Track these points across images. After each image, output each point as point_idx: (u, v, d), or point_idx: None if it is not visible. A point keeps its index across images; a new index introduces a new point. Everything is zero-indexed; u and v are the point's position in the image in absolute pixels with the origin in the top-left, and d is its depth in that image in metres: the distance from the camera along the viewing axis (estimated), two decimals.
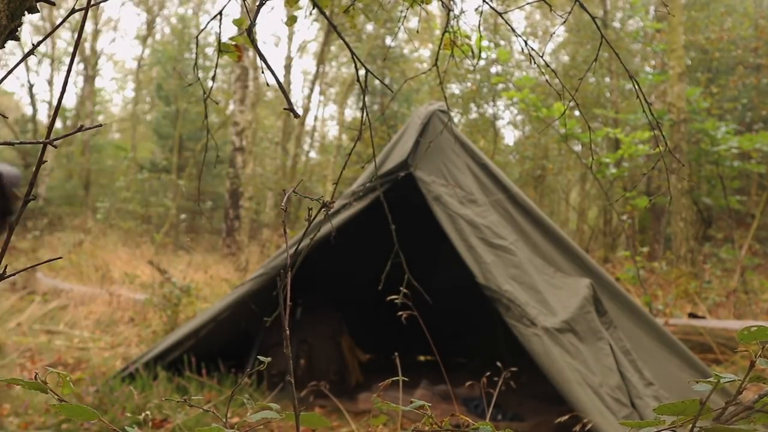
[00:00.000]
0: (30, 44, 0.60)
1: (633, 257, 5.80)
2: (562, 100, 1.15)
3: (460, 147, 2.57)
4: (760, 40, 10.86)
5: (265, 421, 0.74)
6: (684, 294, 5.91)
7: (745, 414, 0.68)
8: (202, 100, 1.09)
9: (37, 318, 4.98)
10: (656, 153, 1.08)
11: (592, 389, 1.95)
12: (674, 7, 7.41)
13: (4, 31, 0.66)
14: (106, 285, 6.36)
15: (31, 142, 0.63)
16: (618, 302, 2.45)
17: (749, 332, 0.65)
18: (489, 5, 1.10)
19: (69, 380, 0.74)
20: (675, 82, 7.47)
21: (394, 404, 0.84)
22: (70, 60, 0.63)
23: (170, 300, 4.46)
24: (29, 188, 0.61)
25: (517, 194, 2.57)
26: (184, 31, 17.05)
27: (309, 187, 14.29)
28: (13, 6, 0.65)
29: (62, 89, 0.62)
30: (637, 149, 5.86)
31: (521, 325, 2.07)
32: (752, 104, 10.76)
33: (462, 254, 2.23)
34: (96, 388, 2.75)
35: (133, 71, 20.55)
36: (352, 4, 1.21)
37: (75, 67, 10.52)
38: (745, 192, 10.49)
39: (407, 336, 2.59)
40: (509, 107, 13.22)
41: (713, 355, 3.53)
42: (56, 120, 0.63)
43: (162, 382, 2.80)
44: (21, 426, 2.52)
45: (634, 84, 1.04)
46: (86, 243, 9.21)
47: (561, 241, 2.53)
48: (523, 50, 1.10)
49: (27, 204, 0.61)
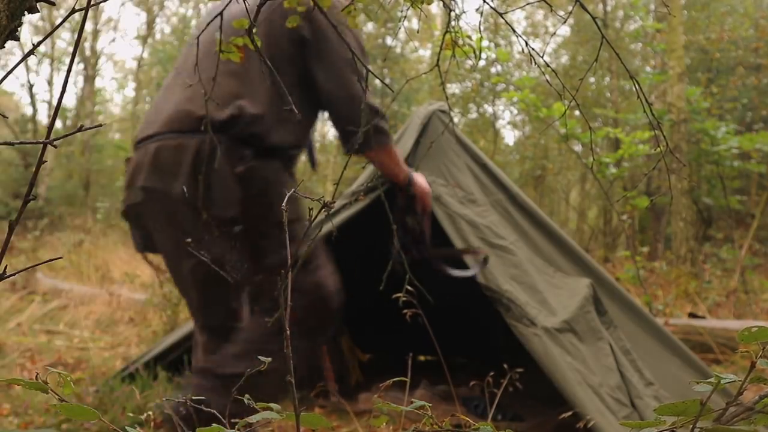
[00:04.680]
0: (30, 44, 0.60)
1: (633, 257, 5.80)
2: (563, 100, 1.15)
3: (461, 147, 2.57)
4: (761, 40, 10.86)
5: (265, 422, 0.74)
6: (684, 294, 5.91)
7: (745, 415, 0.68)
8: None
9: (37, 318, 4.98)
10: (657, 153, 1.08)
11: (592, 389, 1.95)
12: (674, 7, 7.41)
13: (4, 31, 0.66)
14: (106, 285, 6.36)
15: (31, 142, 0.63)
16: (618, 302, 2.45)
17: (750, 333, 0.65)
18: (489, 5, 1.10)
19: (70, 380, 0.74)
20: (675, 82, 7.47)
21: (394, 404, 0.84)
22: (70, 60, 0.63)
23: (170, 300, 4.46)
24: (29, 188, 0.61)
25: (517, 194, 2.57)
26: (185, 31, 17.05)
27: (309, 187, 14.30)
28: (13, 6, 0.65)
29: (62, 89, 0.62)
30: (637, 149, 5.86)
31: (521, 325, 2.07)
32: (752, 104, 10.76)
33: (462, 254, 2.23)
34: (96, 388, 2.75)
35: (133, 71, 20.56)
36: (351, 3, 1.21)
37: (75, 67, 10.53)
38: (745, 192, 10.49)
39: (407, 336, 2.59)
40: (509, 107, 13.23)
41: (713, 355, 3.53)
42: (56, 120, 0.63)
43: (162, 382, 2.80)
44: (21, 426, 2.53)
45: (635, 84, 1.04)
46: (86, 243, 9.22)
47: (561, 241, 2.53)
48: (523, 50, 1.10)
49: (27, 204, 0.61)
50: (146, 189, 1.75)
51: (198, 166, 1.65)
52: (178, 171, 1.69)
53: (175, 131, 1.74)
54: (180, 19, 18.49)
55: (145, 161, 1.77)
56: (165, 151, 1.74)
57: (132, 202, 1.84)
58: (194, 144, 1.68)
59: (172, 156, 1.72)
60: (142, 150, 1.81)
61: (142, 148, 1.82)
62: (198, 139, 1.67)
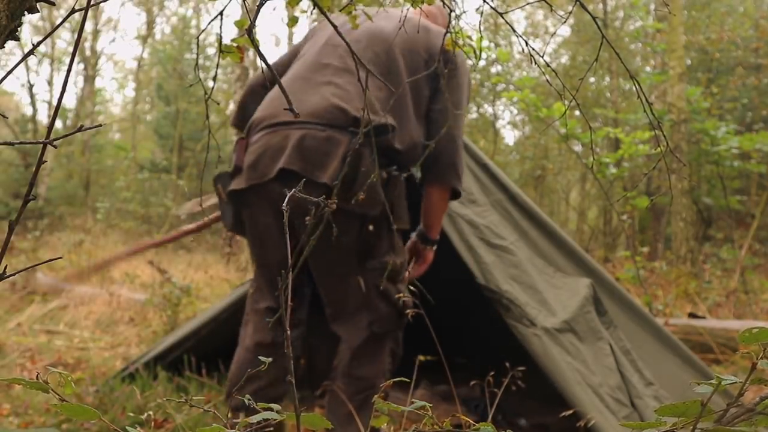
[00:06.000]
0: (30, 44, 0.60)
1: (633, 257, 5.80)
2: (563, 100, 1.15)
3: None
4: (761, 40, 10.86)
5: (266, 422, 0.74)
6: (684, 294, 5.91)
7: (746, 416, 0.68)
8: (203, 100, 1.08)
9: (37, 318, 4.98)
10: (657, 153, 1.08)
11: (592, 389, 1.95)
12: (674, 7, 7.41)
13: (4, 31, 0.66)
14: (106, 285, 6.36)
15: (31, 142, 0.62)
16: (618, 302, 2.45)
17: (750, 334, 0.65)
18: (489, 5, 1.10)
19: (70, 380, 0.74)
20: (675, 82, 7.47)
21: (394, 404, 0.84)
22: (70, 60, 0.63)
23: (170, 300, 4.46)
24: (29, 188, 0.61)
25: (517, 194, 2.57)
26: (185, 31, 17.05)
27: None
28: (13, 6, 0.65)
29: (62, 89, 0.62)
30: (637, 149, 5.86)
31: (521, 325, 2.07)
32: (752, 104, 10.76)
33: (462, 254, 2.23)
34: (96, 388, 2.75)
35: (133, 71, 20.56)
36: (350, 3, 1.21)
37: (75, 67, 10.52)
38: (745, 192, 10.49)
39: (406, 336, 2.59)
40: (509, 107, 13.23)
41: (713, 355, 3.53)
42: (56, 120, 0.63)
43: (162, 382, 2.80)
44: (21, 426, 2.53)
45: (635, 84, 1.04)
46: (86, 243, 9.21)
47: (561, 241, 2.53)
48: (523, 50, 1.10)
49: (27, 204, 0.61)
50: (286, 171, 1.75)
51: (345, 161, 1.69)
52: (327, 162, 1.73)
53: (323, 124, 1.78)
54: (180, 19, 18.49)
55: (287, 145, 1.77)
56: (312, 141, 1.76)
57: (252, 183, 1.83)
58: (346, 140, 1.74)
59: (321, 146, 1.75)
60: (279, 134, 1.80)
61: (276, 132, 1.81)
62: (349, 136, 1.75)
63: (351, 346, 1.89)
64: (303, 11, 1.42)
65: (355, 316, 1.88)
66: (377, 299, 1.84)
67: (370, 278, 1.83)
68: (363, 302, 1.85)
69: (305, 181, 1.74)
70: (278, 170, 1.76)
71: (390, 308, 1.86)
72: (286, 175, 1.75)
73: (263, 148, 1.82)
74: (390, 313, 1.86)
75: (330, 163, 1.73)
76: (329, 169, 1.72)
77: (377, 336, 1.87)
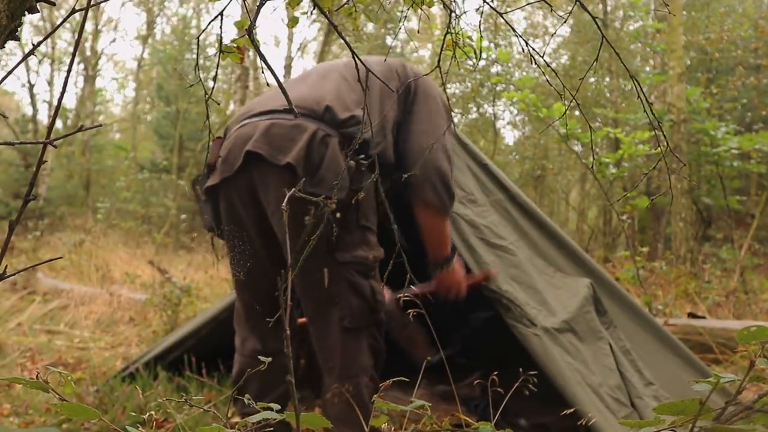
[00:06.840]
0: (30, 44, 0.60)
1: (633, 257, 5.80)
2: (563, 100, 1.15)
3: (461, 147, 2.56)
4: (760, 40, 10.87)
5: (266, 422, 0.75)
6: (684, 294, 5.91)
7: (744, 414, 0.68)
8: (203, 100, 1.09)
9: (38, 318, 4.99)
10: (657, 153, 1.09)
11: (592, 389, 1.95)
12: (674, 7, 7.41)
13: (4, 31, 0.66)
14: (106, 285, 6.36)
15: (31, 142, 0.63)
16: (618, 302, 2.45)
17: (749, 332, 0.65)
18: (489, 5, 1.10)
19: (70, 380, 0.75)
20: (675, 83, 7.47)
21: (394, 404, 0.84)
22: (70, 60, 0.63)
23: (170, 300, 4.46)
24: (29, 188, 0.61)
25: (517, 194, 2.56)
26: (185, 31, 17.05)
27: None
28: (13, 6, 0.65)
29: (62, 89, 0.63)
30: (637, 149, 5.86)
31: (521, 325, 2.07)
32: (752, 104, 10.77)
33: (462, 254, 2.23)
34: (96, 388, 2.75)
35: (133, 71, 20.56)
36: (347, 2, 1.21)
37: (75, 67, 10.51)
38: (745, 192, 10.49)
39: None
40: (509, 107, 13.23)
41: (713, 355, 3.53)
42: (56, 120, 0.63)
43: (162, 381, 2.80)
44: (21, 425, 2.53)
45: (635, 84, 1.04)
46: (87, 243, 9.21)
47: (561, 241, 2.53)
48: (523, 50, 1.10)
49: (27, 204, 0.61)
50: (251, 154, 1.79)
51: (311, 146, 1.74)
52: (291, 146, 1.77)
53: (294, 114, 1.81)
54: (180, 19, 18.49)
55: (255, 132, 1.82)
56: (279, 128, 1.81)
57: (225, 176, 1.87)
58: (312, 128, 1.78)
59: (287, 132, 1.80)
60: (250, 125, 1.86)
61: (248, 125, 1.87)
62: (316, 125, 1.79)
63: (322, 344, 1.88)
64: (303, 12, 1.42)
65: (327, 311, 1.85)
66: (349, 294, 1.82)
67: (342, 272, 1.81)
68: (334, 296, 1.83)
69: (268, 164, 1.79)
70: (244, 153, 1.80)
71: (362, 303, 1.83)
72: (251, 158, 1.80)
73: (234, 140, 1.87)
74: (362, 307, 1.84)
75: (293, 147, 1.76)
76: (292, 152, 1.75)
77: (349, 332, 1.84)
